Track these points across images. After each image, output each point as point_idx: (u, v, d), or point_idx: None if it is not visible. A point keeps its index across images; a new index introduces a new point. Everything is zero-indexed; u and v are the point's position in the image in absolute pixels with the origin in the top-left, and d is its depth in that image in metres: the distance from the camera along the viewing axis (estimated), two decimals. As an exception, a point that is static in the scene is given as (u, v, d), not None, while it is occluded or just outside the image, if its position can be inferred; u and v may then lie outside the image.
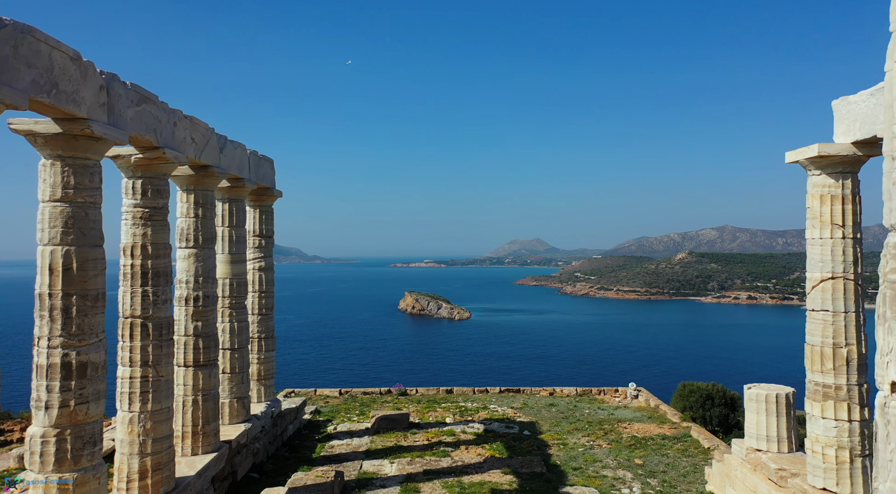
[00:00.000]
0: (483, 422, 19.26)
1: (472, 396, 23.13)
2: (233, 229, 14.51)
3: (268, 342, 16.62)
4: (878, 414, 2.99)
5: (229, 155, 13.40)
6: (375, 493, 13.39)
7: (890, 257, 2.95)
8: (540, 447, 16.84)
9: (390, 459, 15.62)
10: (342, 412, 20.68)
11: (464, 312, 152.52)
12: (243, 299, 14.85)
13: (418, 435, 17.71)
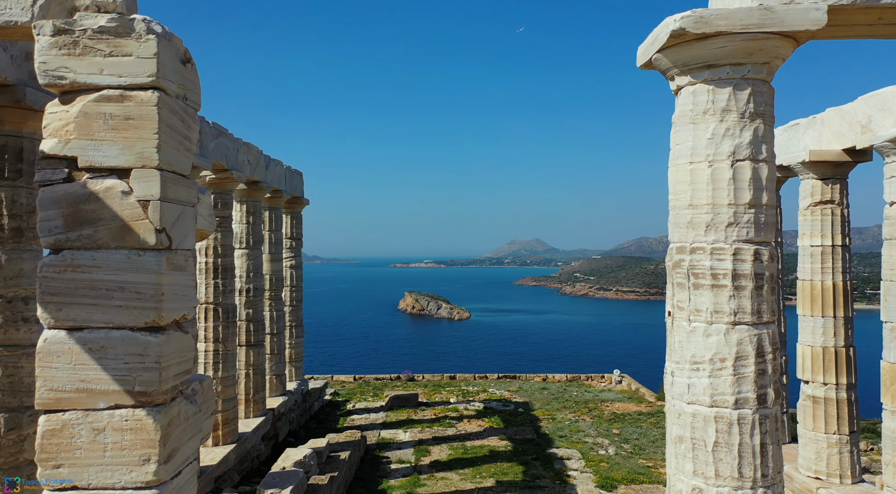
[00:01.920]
0: (483, 402, 22.14)
1: (472, 381, 26.03)
2: (272, 232, 17.39)
3: (298, 330, 19.52)
4: (667, 321, 5.67)
5: (272, 171, 16.29)
6: (393, 453, 16.26)
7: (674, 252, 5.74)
8: (532, 420, 19.72)
9: (404, 429, 18.50)
10: (358, 394, 23.57)
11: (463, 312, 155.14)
12: (280, 292, 17.73)
13: (427, 411, 20.60)
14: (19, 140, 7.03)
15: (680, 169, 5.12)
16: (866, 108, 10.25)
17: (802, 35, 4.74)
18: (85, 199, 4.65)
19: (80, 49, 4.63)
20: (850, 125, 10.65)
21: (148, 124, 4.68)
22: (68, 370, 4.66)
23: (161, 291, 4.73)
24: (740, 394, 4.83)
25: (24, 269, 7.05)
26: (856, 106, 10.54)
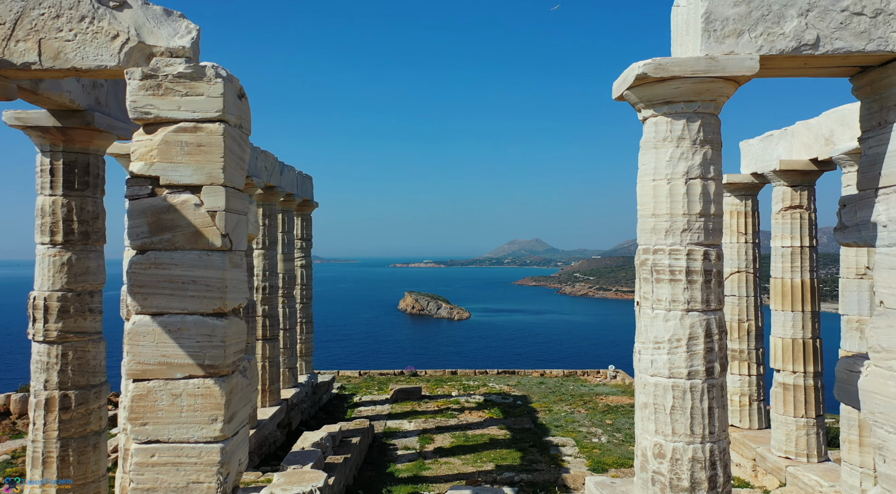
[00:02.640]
0: (483, 395, 23.33)
1: (473, 376, 27.22)
2: (285, 233, 18.57)
3: (308, 326, 20.71)
4: (636, 309, 6.86)
5: (286, 177, 17.47)
6: (399, 441, 17.45)
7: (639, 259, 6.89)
8: (530, 412, 20.90)
9: (408, 419, 19.68)
10: (363, 388, 24.74)
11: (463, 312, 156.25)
12: (292, 290, 18.92)
13: (430, 404, 21.78)
14: (87, 157, 8.21)
15: (645, 185, 6.31)
16: (829, 122, 11.43)
17: (741, 78, 5.92)
18: (165, 210, 5.84)
19: (162, 90, 5.83)
20: (816, 138, 11.83)
21: (215, 150, 5.87)
22: (152, 347, 5.85)
23: (225, 284, 5.92)
24: (692, 367, 6.00)
25: (90, 267, 8.23)
26: (820, 120, 11.72)
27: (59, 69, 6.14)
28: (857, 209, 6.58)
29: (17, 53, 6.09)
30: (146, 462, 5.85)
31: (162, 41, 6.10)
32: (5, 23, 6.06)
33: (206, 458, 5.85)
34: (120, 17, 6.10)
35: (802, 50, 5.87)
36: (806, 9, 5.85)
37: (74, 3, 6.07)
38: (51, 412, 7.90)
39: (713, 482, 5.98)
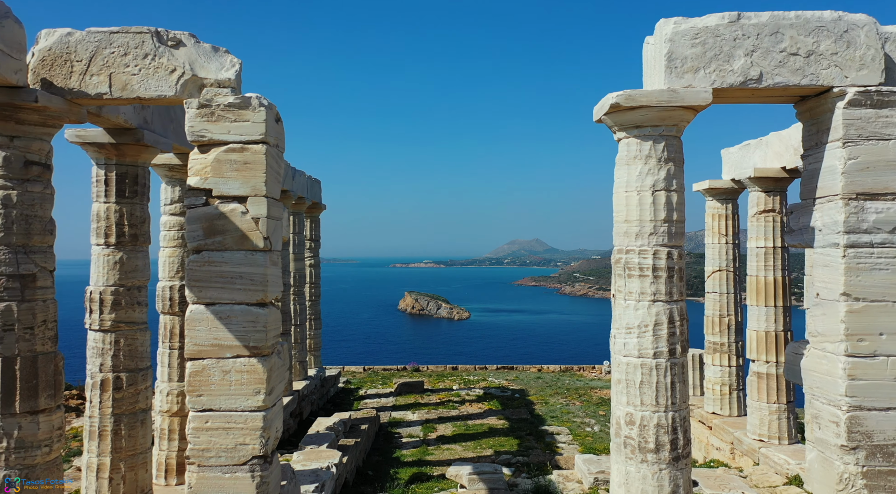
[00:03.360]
0: (483, 388, 24.54)
1: (473, 372, 28.43)
2: (296, 234, 19.77)
3: (316, 322, 21.92)
4: (612, 301, 8.06)
5: (297, 181, 18.67)
6: (403, 430, 18.66)
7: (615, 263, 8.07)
8: (527, 404, 22.11)
9: (412, 411, 20.88)
10: (368, 382, 25.95)
11: (463, 312, 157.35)
12: (302, 288, 20.12)
13: (432, 397, 22.99)
14: (136, 169, 9.40)
15: (619, 195, 7.49)
16: (798, 133, 12.63)
17: (698, 107, 7.10)
18: (217, 217, 7.04)
19: (215, 117, 7.03)
20: (787, 147, 13.03)
21: (259, 167, 7.07)
22: (206, 332, 7.05)
23: (266, 279, 7.11)
24: (657, 349, 7.18)
25: (138, 265, 9.43)
26: (791, 132, 12.91)
27: (126, 98, 7.34)
28: (800, 216, 7.79)
29: (91, 85, 7.29)
30: (201, 428, 7.04)
31: (211, 74, 7.31)
32: (82, 60, 7.26)
33: (251, 424, 7.05)
34: (176, 54, 7.30)
35: (748, 83, 7.07)
36: (751, 49, 7.05)
37: (139, 43, 7.28)
38: (105, 391, 9.09)
39: (674, 444, 7.17)
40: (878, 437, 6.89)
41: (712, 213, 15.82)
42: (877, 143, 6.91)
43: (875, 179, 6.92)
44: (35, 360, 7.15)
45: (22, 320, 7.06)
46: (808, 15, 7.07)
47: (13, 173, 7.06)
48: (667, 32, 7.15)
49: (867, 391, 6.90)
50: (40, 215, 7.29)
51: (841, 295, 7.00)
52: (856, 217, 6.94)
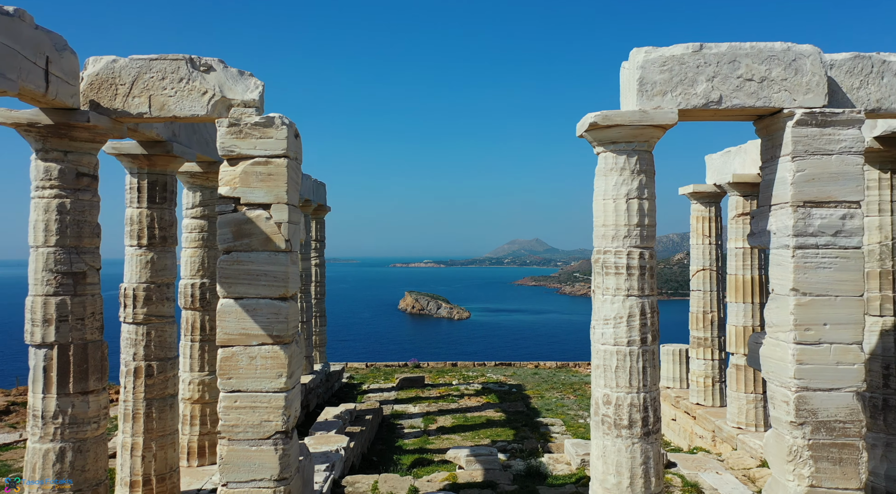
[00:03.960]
0: (481, 384, 25.58)
1: (472, 368, 29.47)
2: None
3: (322, 319, 22.96)
4: (592, 295, 9.09)
5: (304, 185, 19.72)
6: (405, 421, 19.70)
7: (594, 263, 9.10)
8: (523, 398, 23.16)
9: (413, 404, 21.93)
10: (370, 378, 27.00)
11: (463, 312, 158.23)
12: (309, 287, 21.17)
13: (432, 391, 24.04)
14: (165, 177, 10.44)
15: (598, 202, 8.52)
16: (772, 143, 13.65)
17: (666, 126, 8.12)
18: (244, 222, 8.08)
19: (243, 134, 8.07)
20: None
21: (281, 178, 8.10)
22: (234, 322, 8.09)
23: (287, 276, 8.15)
24: (631, 337, 8.21)
25: (167, 264, 10.47)
26: (766, 141, 13.93)
27: (163, 117, 8.39)
28: (759, 220, 8.82)
29: (133, 106, 8.33)
30: (231, 406, 8.08)
31: (238, 95, 8.35)
32: (125, 83, 8.30)
33: (274, 403, 8.09)
34: (208, 78, 8.35)
35: (710, 105, 8.10)
36: (712, 76, 8.08)
37: (175, 68, 8.32)
38: (138, 378, 10.13)
39: (646, 421, 8.20)
40: (822, 414, 7.91)
41: (697, 215, 16.87)
42: (821, 157, 7.93)
43: (820, 189, 7.94)
44: (85, 347, 8.21)
45: (74, 312, 8.11)
46: (761, 46, 8.10)
47: (67, 184, 8.11)
48: (639, 60, 8.18)
49: (813, 374, 7.92)
50: (89, 220, 8.34)
51: (790, 290, 8.03)
52: (803, 222, 7.96)
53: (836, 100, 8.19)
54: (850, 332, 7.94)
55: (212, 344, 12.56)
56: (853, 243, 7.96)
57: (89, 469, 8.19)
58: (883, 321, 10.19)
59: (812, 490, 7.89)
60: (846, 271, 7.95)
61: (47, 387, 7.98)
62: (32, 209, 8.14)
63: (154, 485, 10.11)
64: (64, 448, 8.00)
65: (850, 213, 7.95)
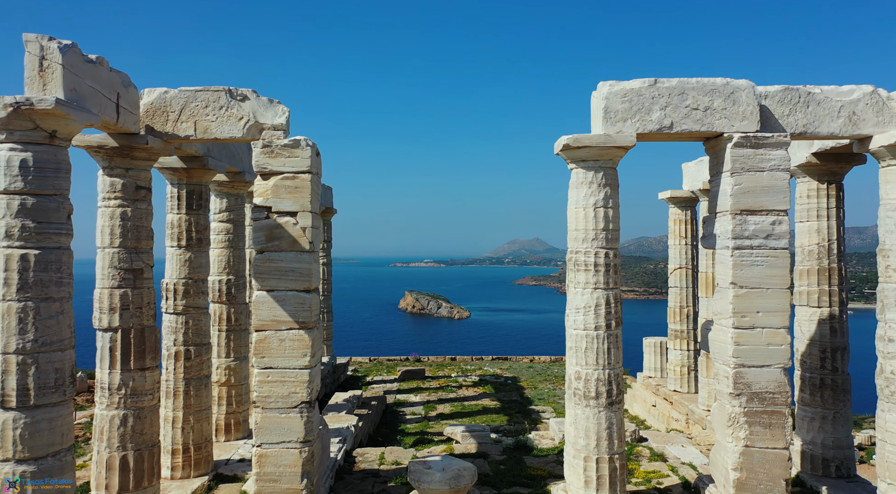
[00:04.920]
0: (479, 376, 27.27)
1: (470, 362, 31.18)
2: (311, 236, 22.51)
3: (328, 315, 24.66)
4: (566, 289, 10.77)
5: (314, 189, 21.39)
6: (407, 409, 21.38)
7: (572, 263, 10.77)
8: (518, 389, 24.84)
9: (414, 394, 23.62)
10: (374, 370, 28.69)
11: (463, 311, 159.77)
12: (317, 284, 22.84)
13: (432, 382, 25.73)
14: (200, 187, 12.13)
15: (572, 211, 10.19)
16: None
17: (627, 147, 9.77)
18: (275, 227, 9.76)
19: (274, 154, 9.75)
20: (729, 165, 15.71)
21: (306, 190, 9.78)
22: (267, 311, 9.77)
23: (311, 272, 9.83)
24: (598, 323, 9.87)
25: (202, 262, 12.15)
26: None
27: (206, 139, 10.08)
28: (708, 225, 10.51)
29: (181, 129, 10.02)
30: (264, 380, 9.77)
31: (268, 120, 10.04)
32: (175, 111, 9.99)
33: (300, 378, 9.77)
34: (243, 106, 10.04)
35: (663, 130, 9.78)
36: (665, 105, 9.76)
37: (217, 98, 10.01)
38: (178, 361, 11.81)
39: (610, 393, 9.88)
40: (755, 386, 9.57)
41: (674, 218, 18.55)
42: (754, 173, 9.60)
43: (753, 200, 9.60)
44: (143, 331, 9.91)
45: (134, 302, 9.81)
46: (705, 81, 9.77)
47: (128, 195, 9.81)
48: (604, 92, 9.86)
49: (748, 353, 9.58)
50: (145, 225, 10.03)
51: (730, 284, 9.70)
52: (740, 227, 9.63)
53: (769, 125, 9.88)
54: (778, 318, 9.63)
55: (237, 334, 14.27)
56: (781, 244, 9.65)
57: (146, 432, 9.89)
58: (821, 312, 11.86)
59: (746, 450, 9.59)
60: (775, 267, 9.64)
61: (112, 364, 9.68)
62: (99, 216, 9.84)
63: (192, 453, 11.79)
64: (126, 415, 9.69)
65: (778, 219, 9.64)
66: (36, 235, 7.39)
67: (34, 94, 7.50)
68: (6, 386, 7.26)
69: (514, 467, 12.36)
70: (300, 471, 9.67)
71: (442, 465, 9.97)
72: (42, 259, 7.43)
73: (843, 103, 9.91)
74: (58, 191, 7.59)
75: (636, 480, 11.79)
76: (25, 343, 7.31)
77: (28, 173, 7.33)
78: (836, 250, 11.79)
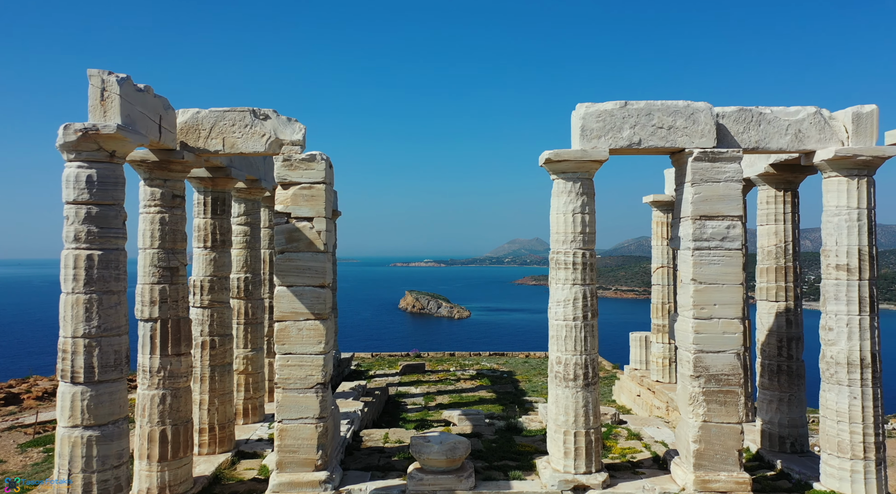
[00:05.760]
0: (476, 370, 28.75)
1: (468, 357, 32.67)
2: (318, 237, 23.99)
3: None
4: (549, 284, 12.26)
5: (320, 193, 22.89)
6: (408, 399, 22.86)
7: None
8: (513, 381, 26.31)
9: (415, 386, 25.10)
10: (376, 365, 30.17)
11: (463, 311, 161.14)
12: (323, 282, 24.32)
13: (432, 376, 27.22)
14: (223, 194, 13.61)
15: (553, 216, 11.66)
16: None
17: (601, 161, 11.26)
18: (294, 230, 11.24)
19: (293, 167, 11.23)
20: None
21: (320, 198, 11.26)
22: (287, 303, 11.25)
23: (325, 270, 11.32)
24: (576, 315, 11.35)
25: (225, 262, 13.63)
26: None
27: (232, 153, 11.56)
28: (674, 229, 11.99)
29: (211, 145, 11.50)
30: (284, 364, 11.24)
31: (287, 137, 11.52)
32: (206, 129, 11.47)
33: (316, 363, 11.25)
34: (265, 124, 11.51)
35: (632, 146, 11.27)
36: (634, 124, 11.24)
37: (242, 117, 11.49)
38: (205, 350, 13.29)
39: (586, 375, 11.36)
40: (712, 369, 11.05)
41: (656, 220, 20.01)
42: (712, 184, 11.08)
43: (710, 207, 11.08)
44: (178, 322, 11.39)
45: (171, 295, 11.29)
46: (669, 103, 11.25)
47: (165, 203, 11.29)
48: (581, 112, 11.35)
49: (705, 340, 11.06)
50: (180, 229, 11.52)
51: (691, 280, 11.17)
52: (699, 231, 11.10)
53: (725, 141, 11.36)
54: (732, 310, 11.12)
55: (254, 327, 15.76)
56: (735, 246, 11.13)
57: (182, 409, 11.38)
58: (778, 305, 13.34)
59: (705, 425, 11.08)
60: (730, 266, 11.12)
61: (153, 350, 11.16)
62: (141, 221, 11.32)
63: (217, 432, 13.28)
64: (165, 394, 11.18)
65: (732, 224, 11.12)
66: (99, 238, 8.88)
67: (96, 120, 8.99)
68: (75, 364, 8.75)
69: (504, 444, 13.85)
70: (316, 443, 11.16)
71: (440, 439, 11.46)
72: (104, 259, 8.91)
73: (790, 122, 11.40)
74: (116, 201, 9.08)
75: (613, 455, 13.28)
76: (90, 329, 8.80)
77: (93, 187, 8.81)
78: (791, 251, 13.27)
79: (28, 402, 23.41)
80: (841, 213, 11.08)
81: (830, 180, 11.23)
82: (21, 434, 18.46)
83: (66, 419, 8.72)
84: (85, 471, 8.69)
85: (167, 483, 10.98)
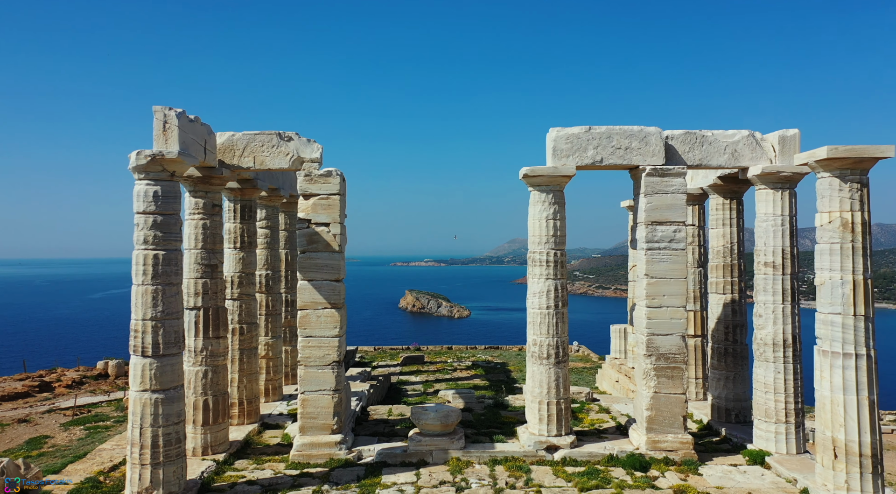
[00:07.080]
0: (472, 362, 31.13)
1: (465, 350, 35.05)
2: (326, 238, 26.36)
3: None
4: (528, 279, 14.59)
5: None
6: (409, 387, 25.23)
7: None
8: (506, 372, 28.69)
9: (415, 375, 27.48)
10: (378, 357, 32.55)
11: (463, 310, 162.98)
12: (330, 279, 26.69)
13: (431, 366, 29.60)
14: (250, 202, 15.98)
15: (530, 222, 14.01)
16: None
17: (569, 176, 13.60)
18: (313, 234, 13.61)
19: (313, 181, 13.61)
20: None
21: (336, 207, 13.63)
22: (308, 295, 13.61)
23: (340, 267, 13.69)
24: (549, 304, 13.70)
25: (252, 260, 16.00)
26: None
27: (260, 169, 13.93)
28: (634, 232, 14.35)
29: (243, 162, 13.86)
30: (306, 345, 13.59)
31: (307, 155, 13.89)
32: (239, 149, 13.83)
33: (332, 344, 13.61)
34: (289, 145, 13.88)
35: (596, 164, 13.63)
36: (597, 145, 13.60)
37: (270, 139, 13.86)
38: (235, 336, 15.66)
39: (558, 355, 13.73)
40: (662, 349, 13.41)
41: (631, 224, 22.32)
42: (661, 195, 13.43)
43: (661, 214, 13.44)
44: (217, 310, 13.76)
45: (211, 288, 13.66)
46: (626, 127, 13.61)
47: (206, 211, 13.65)
48: (553, 135, 13.71)
49: (657, 325, 13.42)
50: (218, 233, 13.89)
51: (644, 275, 13.53)
52: (651, 234, 13.46)
53: (674, 159, 13.73)
54: (678, 300, 13.48)
55: (273, 317, 18.13)
56: (681, 246, 13.49)
57: (220, 383, 13.75)
58: (725, 297, 15.69)
59: (655, 395, 13.45)
60: (676, 263, 13.49)
61: (197, 333, 13.53)
62: (186, 226, 13.69)
63: (245, 405, 15.66)
64: (207, 370, 13.55)
65: (678, 228, 13.48)
66: (162, 241, 11.23)
67: (160, 147, 11.36)
68: (145, 341, 11.11)
69: (491, 417, 16.24)
70: (332, 411, 13.53)
71: (435, 408, 13.84)
72: (166, 257, 11.27)
73: (727, 143, 13.76)
74: (175, 211, 11.44)
75: (583, 425, 15.66)
76: (157, 313, 11.15)
77: (158, 200, 11.17)
78: (735, 251, 15.63)
79: (59, 390, 25.82)
80: (768, 219, 13.44)
81: (760, 192, 13.60)
82: (61, 416, 20.86)
83: (138, 385, 11.08)
84: (153, 426, 11.04)
85: (209, 443, 13.36)
